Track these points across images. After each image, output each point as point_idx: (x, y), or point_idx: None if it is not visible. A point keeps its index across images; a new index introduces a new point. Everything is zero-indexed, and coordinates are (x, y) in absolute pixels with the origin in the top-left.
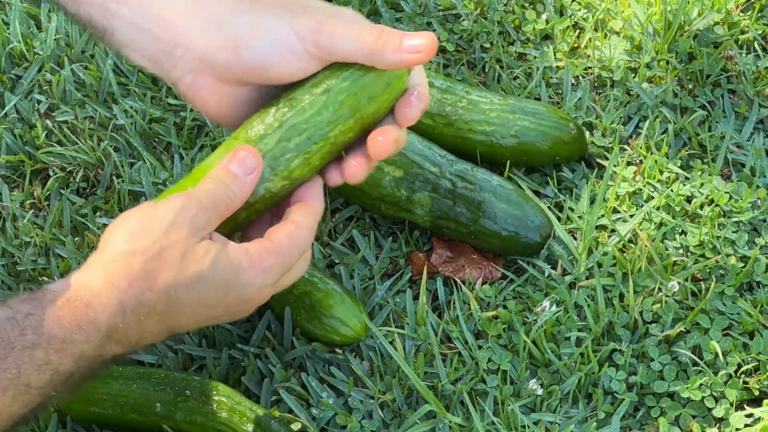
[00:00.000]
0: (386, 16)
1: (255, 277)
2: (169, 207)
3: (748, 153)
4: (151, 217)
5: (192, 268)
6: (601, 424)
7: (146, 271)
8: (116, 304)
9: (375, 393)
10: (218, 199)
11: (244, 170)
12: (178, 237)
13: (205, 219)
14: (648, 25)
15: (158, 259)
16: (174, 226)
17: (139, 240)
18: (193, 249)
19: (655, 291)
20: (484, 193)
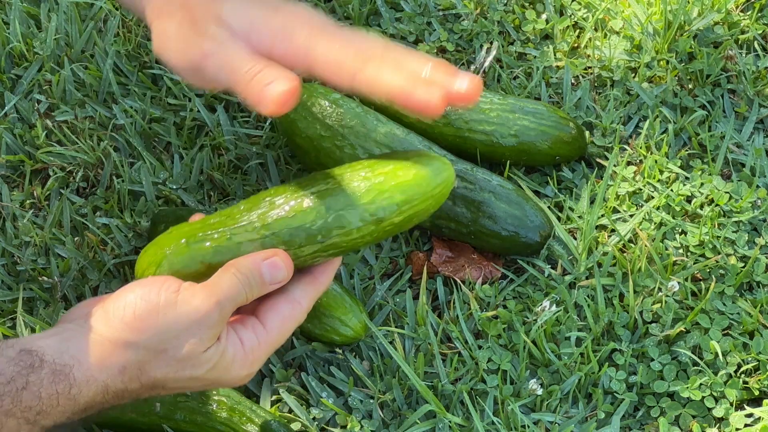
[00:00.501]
0: (386, 16)
1: (243, 370)
2: (192, 311)
3: (748, 153)
4: (169, 316)
5: (188, 372)
6: (601, 424)
7: (142, 363)
8: (101, 385)
9: (375, 393)
10: (238, 299)
11: (272, 279)
12: (188, 345)
13: (219, 327)
14: (648, 25)
15: (157, 356)
16: (187, 335)
17: (144, 335)
18: (196, 357)
19: (655, 291)
20: (483, 193)
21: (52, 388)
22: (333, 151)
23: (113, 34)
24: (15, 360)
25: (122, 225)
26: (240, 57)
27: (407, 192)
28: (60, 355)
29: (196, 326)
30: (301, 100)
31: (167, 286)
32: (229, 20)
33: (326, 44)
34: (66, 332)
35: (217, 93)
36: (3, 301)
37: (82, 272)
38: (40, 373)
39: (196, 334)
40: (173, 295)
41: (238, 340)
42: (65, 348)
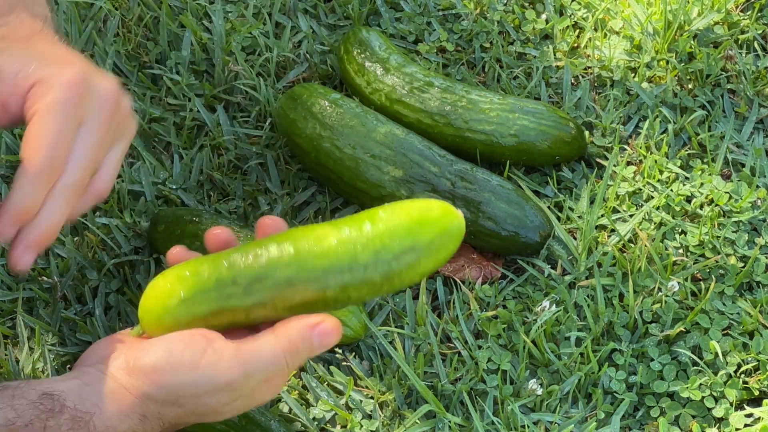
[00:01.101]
0: (386, 16)
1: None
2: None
3: (747, 153)
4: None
5: (210, 418)
6: (600, 424)
7: (162, 412)
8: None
9: (375, 393)
10: (274, 371)
11: (322, 346)
12: (207, 405)
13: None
14: (648, 25)
15: (178, 408)
16: (206, 396)
17: (164, 388)
18: (217, 410)
19: (654, 291)
20: (483, 193)
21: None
22: (333, 151)
23: (113, 34)
24: (36, 403)
25: (122, 225)
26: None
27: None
28: (81, 402)
29: (216, 390)
30: (300, 100)
31: (194, 344)
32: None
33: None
34: (86, 376)
35: (217, 93)
36: (3, 301)
37: (81, 272)
38: (59, 419)
39: (215, 396)
40: (198, 356)
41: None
42: (86, 394)
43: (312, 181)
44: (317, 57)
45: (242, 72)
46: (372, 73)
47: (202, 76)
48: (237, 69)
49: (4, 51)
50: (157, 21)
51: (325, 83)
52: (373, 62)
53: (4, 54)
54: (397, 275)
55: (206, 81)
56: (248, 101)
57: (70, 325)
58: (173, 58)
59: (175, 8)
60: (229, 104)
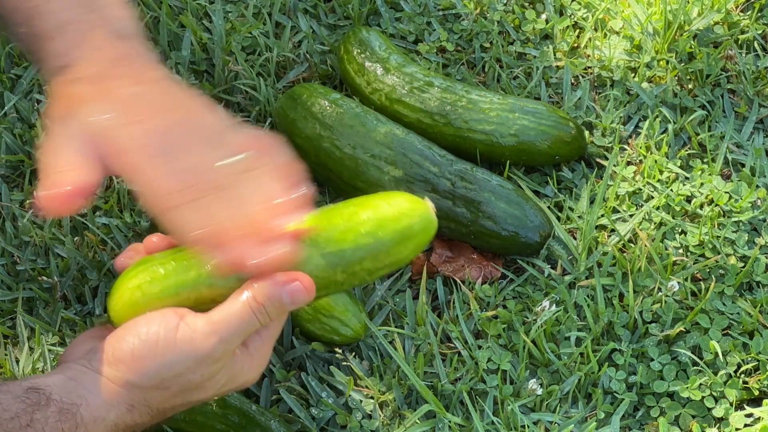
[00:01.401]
0: (386, 16)
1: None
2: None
3: (747, 153)
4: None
5: (196, 396)
6: (600, 423)
7: (148, 399)
8: (110, 424)
9: (375, 393)
10: (248, 329)
11: (294, 303)
12: (191, 380)
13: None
14: (648, 25)
15: (164, 391)
16: (192, 371)
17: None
18: (203, 385)
19: (654, 291)
20: (483, 193)
21: (57, 426)
22: (332, 151)
23: None
24: (21, 398)
25: (122, 225)
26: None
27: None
28: (68, 394)
29: (197, 365)
30: (300, 100)
31: (166, 322)
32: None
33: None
34: (70, 372)
35: (217, 93)
36: (3, 301)
37: (81, 272)
38: (46, 411)
39: (197, 371)
40: (172, 333)
41: (244, 348)
42: (72, 387)
43: (312, 181)
44: (317, 57)
45: (242, 72)
46: (372, 72)
47: (202, 76)
48: (237, 69)
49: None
50: (157, 21)
51: (325, 83)
52: (373, 62)
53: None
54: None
55: (206, 81)
56: (248, 101)
57: (70, 325)
58: (173, 58)
59: (175, 8)
60: (229, 104)
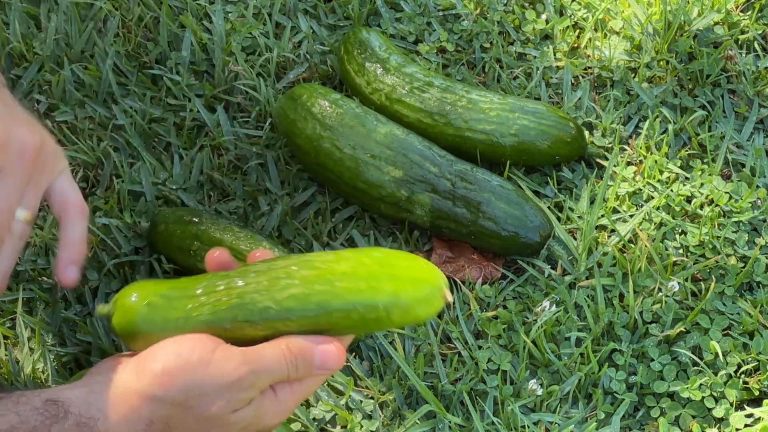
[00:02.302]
0: (386, 16)
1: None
2: (225, 373)
3: (748, 153)
4: (199, 374)
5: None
6: (601, 424)
7: (168, 418)
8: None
9: (375, 393)
10: (277, 377)
11: (322, 366)
12: (218, 406)
13: (252, 394)
14: (648, 25)
15: (186, 413)
16: (218, 396)
17: (173, 391)
18: (225, 417)
19: (655, 291)
20: (483, 194)
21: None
22: (333, 151)
23: (113, 35)
24: (40, 410)
25: (122, 225)
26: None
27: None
28: (87, 408)
29: (225, 389)
30: (300, 100)
31: (203, 344)
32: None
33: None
34: (94, 385)
35: (217, 93)
36: (3, 301)
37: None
38: (63, 424)
39: (224, 397)
40: (208, 355)
41: (271, 392)
42: (92, 400)
43: (312, 181)
44: (317, 57)
45: (242, 72)
46: (372, 73)
47: (202, 76)
48: (237, 69)
49: None
50: (157, 21)
51: (325, 83)
52: (373, 62)
53: None
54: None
55: (206, 81)
56: (248, 101)
57: (70, 325)
58: (173, 58)
59: (175, 8)
60: (229, 104)
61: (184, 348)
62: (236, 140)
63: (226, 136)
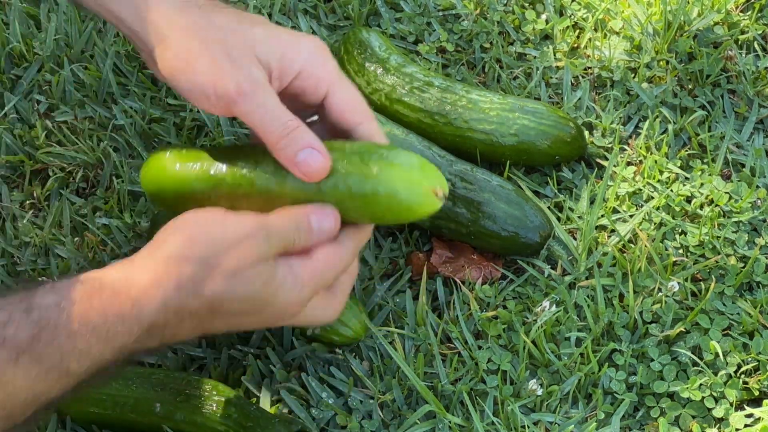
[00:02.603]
0: (386, 17)
1: (293, 294)
2: (240, 226)
3: (748, 153)
4: (218, 229)
5: (241, 288)
6: (600, 424)
7: (196, 278)
8: (161, 304)
9: (375, 393)
10: (284, 239)
11: (320, 228)
12: (237, 257)
13: (266, 248)
14: (648, 25)
15: (211, 270)
16: (236, 247)
17: (197, 247)
18: (247, 270)
19: (654, 291)
20: (483, 194)
21: (115, 308)
22: None
23: (113, 35)
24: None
25: (122, 225)
26: (273, 108)
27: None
28: (118, 278)
29: (243, 240)
30: None
31: (217, 212)
32: (262, 55)
33: (347, 84)
34: (124, 262)
35: None
36: None
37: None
38: (101, 296)
39: (242, 247)
40: (221, 217)
41: (286, 264)
42: (123, 272)
43: None
44: None
45: None
46: (372, 73)
47: None
48: None
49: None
50: None
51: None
52: (373, 62)
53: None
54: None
55: None
56: None
57: None
58: None
59: None
60: None
61: (202, 217)
62: (236, 140)
63: (226, 137)
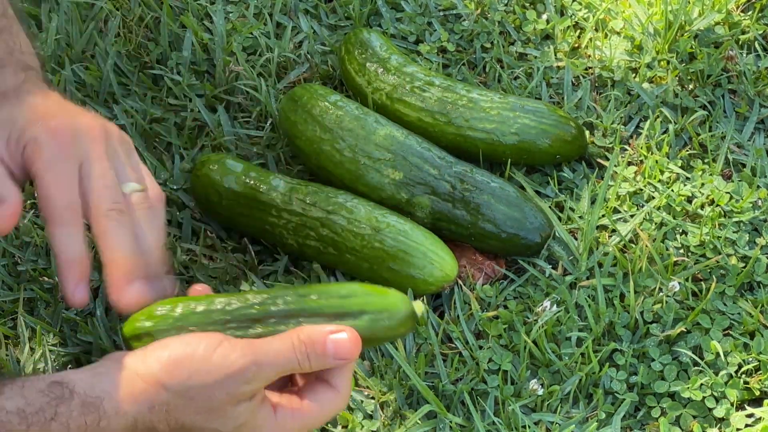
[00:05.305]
0: (387, 17)
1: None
2: (227, 362)
3: (748, 153)
4: (204, 362)
5: (216, 424)
6: (601, 424)
7: (171, 405)
8: (131, 420)
9: (376, 393)
10: (284, 366)
11: (336, 354)
12: (219, 396)
13: (256, 386)
14: (648, 25)
15: (187, 401)
16: (221, 385)
17: (178, 377)
18: (226, 410)
19: (655, 291)
20: (483, 195)
21: (81, 419)
22: (333, 154)
23: (114, 35)
24: (45, 392)
25: None
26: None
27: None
28: (91, 388)
29: (227, 380)
30: (301, 102)
31: (209, 339)
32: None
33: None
34: (100, 368)
35: (218, 93)
36: (4, 301)
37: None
38: (69, 404)
39: (226, 388)
40: (212, 348)
41: (270, 406)
42: (97, 382)
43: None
44: (318, 57)
45: (243, 72)
46: (373, 72)
47: (203, 76)
48: (238, 69)
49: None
50: (158, 21)
51: (325, 83)
52: (374, 62)
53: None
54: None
55: (207, 81)
56: (249, 101)
57: (71, 325)
58: (174, 58)
59: (176, 8)
60: (230, 104)
61: (192, 341)
62: (237, 140)
63: (227, 137)
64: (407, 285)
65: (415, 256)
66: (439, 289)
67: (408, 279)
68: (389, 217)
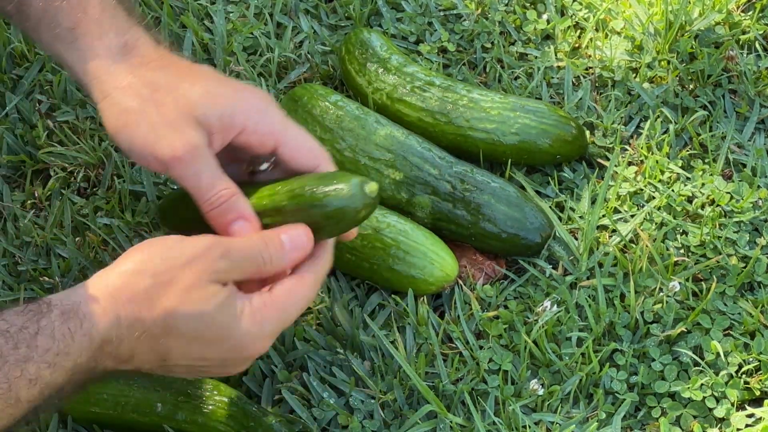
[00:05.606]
0: (387, 17)
1: (252, 327)
2: (195, 244)
3: (749, 153)
4: (174, 247)
5: (195, 305)
6: (602, 424)
7: (149, 292)
8: (112, 317)
9: (376, 393)
10: (248, 258)
11: (293, 245)
12: (191, 272)
13: (225, 267)
14: (649, 25)
15: (164, 285)
16: (191, 262)
17: (151, 263)
18: (202, 287)
19: (656, 291)
20: (483, 195)
21: (63, 327)
22: (333, 154)
23: None
24: (23, 311)
25: (123, 225)
26: (208, 176)
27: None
28: (67, 297)
29: (199, 257)
30: (301, 102)
31: (180, 235)
32: (201, 116)
33: (295, 132)
34: (73, 287)
35: None
36: (4, 301)
37: (83, 273)
38: (50, 316)
39: (197, 263)
40: (182, 237)
41: (245, 296)
42: (71, 292)
43: None
44: (318, 57)
45: (243, 72)
46: (373, 72)
47: None
48: (238, 69)
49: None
50: (159, 21)
51: (326, 83)
52: (375, 62)
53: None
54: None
55: None
56: None
57: None
58: None
59: (177, 8)
60: None
61: (159, 239)
62: None
63: None
64: (408, 285)
65: (416, 256)
66: (440, 289)
67: (408, 279)
68: (389, 217)
